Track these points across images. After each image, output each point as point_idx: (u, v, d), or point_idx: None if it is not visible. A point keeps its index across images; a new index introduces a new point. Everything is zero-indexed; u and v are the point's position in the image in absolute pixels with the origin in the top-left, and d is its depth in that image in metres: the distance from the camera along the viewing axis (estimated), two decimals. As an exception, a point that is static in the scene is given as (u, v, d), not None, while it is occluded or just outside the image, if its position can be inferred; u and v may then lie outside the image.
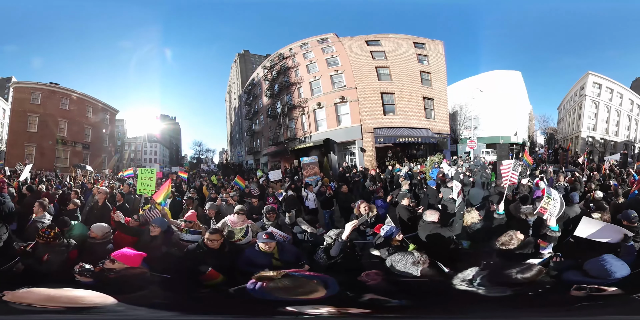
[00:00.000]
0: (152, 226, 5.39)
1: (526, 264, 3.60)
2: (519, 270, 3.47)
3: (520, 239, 4.56)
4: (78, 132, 23.74)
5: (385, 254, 4.49)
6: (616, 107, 23.99)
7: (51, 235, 4.65)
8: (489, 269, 3.66)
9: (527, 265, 3.56)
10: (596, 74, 23.37)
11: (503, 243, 4.52)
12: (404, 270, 3.49)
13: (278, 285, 3.07)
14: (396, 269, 3.54)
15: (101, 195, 7.86)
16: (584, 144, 23.63)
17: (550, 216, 4.97)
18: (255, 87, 26.82)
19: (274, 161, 25.07)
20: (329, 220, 9.89)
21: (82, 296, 3.06)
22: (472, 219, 5.92)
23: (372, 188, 10.90)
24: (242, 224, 5.88)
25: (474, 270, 3.66)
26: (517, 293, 3.41)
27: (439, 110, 20.99)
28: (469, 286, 3.43)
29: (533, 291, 3.46)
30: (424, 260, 3.53)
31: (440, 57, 21.31)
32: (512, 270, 3.49)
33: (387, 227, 4.68)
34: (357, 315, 3.08)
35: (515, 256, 4.35)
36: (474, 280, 3.54)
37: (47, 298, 2.98)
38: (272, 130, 24.16)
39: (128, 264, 3.78)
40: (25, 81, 22.38)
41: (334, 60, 20.99)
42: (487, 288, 3.38)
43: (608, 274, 3.46)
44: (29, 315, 2.91)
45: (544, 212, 5.03)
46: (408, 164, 16.37)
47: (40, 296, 2.99)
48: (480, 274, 3.57)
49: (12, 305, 2.89)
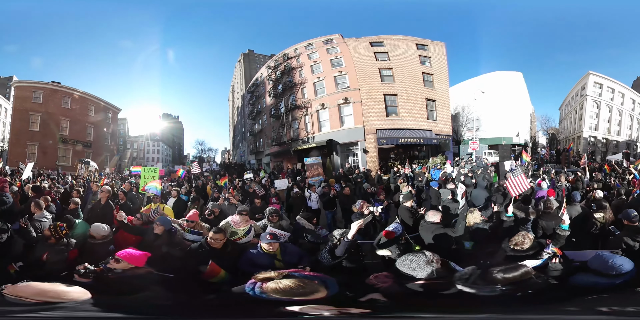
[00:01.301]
0: (155, 224, 5.39)
1: (513, 264, 3.60)
2: (502, 270, 3.46)
3: (532, 238, 4.57)
4: (80, 131, 23.84)
5: (397, 252, 4.47)
6: (618, 106, 23.92)
7: (62, 233, 4.70)
8: (484, 268, 3.66)
9: (513, 265, 3.56)
10: (597, 73, 23.34)
11: (517, 243, 4.52)
12: (417, 271, 3.47)
13: (278, 285, 3.05)
14: (409, 269, 3.52)
15: (104, 193, 7.89)
16: (585, 144, 23.56)
17: (566, 215, 5.03)
18: (259, 87, 26.86)
19: (277, 161, 25.10)
20: (331, 221, 9.93)
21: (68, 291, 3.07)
22: (474, 219, 5.93)
23: (370, 190, 10.88)
24: (245, 225, 5.93)
25: (471, 270, 3.66)
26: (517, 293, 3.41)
27: (441, 112, 20.98)
28: (466, 285, 3.43)
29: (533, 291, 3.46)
30: (436, 259, 3.52)
31: (442, 59, 21.32)
32: (494, 270, 3.48)
33: (394, 224, 4.67)
34: (357, 315, 3.08)
35: (517, 257, 4.37)
36: (470, 279, 3.54)
37: (39, 292, 2.98)
38: (275, 131, 24.20)
39: (133, 264, 3.79)
40: (27, 80, 22.48)
41: (338, 61, 21.06)
42: (483, 288, 3.39)
43: (616, 269, 3.44)
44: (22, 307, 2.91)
45: (564, 211, 5.11)
46: (409, 166, 16.36)
47: (34, 290, 2.99)
48: (476, 274, 3.57)
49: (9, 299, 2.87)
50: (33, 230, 5.13)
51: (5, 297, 2.86)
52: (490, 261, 4.44)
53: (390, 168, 17.66)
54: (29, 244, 4.93)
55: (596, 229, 6.39)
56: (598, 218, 6.44)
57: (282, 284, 3.05)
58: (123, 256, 3.81)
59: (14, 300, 2.84)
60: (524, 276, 3.46)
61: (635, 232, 5.19)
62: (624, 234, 5.29)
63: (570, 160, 19.27)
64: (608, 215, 6.50)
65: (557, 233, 5.03)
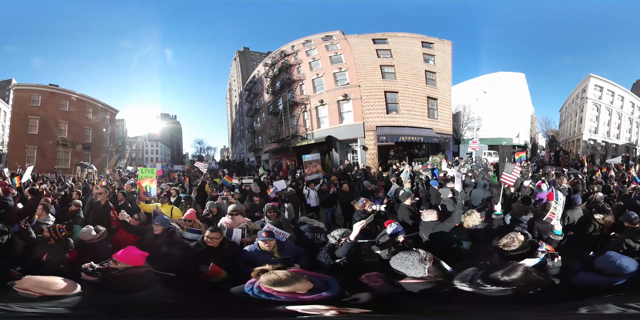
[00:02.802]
0: (155, 224, 5.39)
1: (511, 265, 3.57)
2: (504, 272, 3.44)
3: (522, 240, 4.56)
4: (78, 133, 23.94)
5: (386, 253, 4.47)
6: (617, 109, 23.97)
7: (62, 235, 4.68)
8: (485, 269, 3.64)
9: (511, 266, 3.53)
10: (598, 76, 23.35)
11: (505, 244, 4.52)
12: (410, 269, 3.45)
13: (269, 276, 3.07)
14: (402, 268, 3.50)
15: (103, 195, 7.85)
16: (585, 147, 23.60)
17: (557, 221, 4.97)
18: (256, 85, 26.78)
19: (276, 158, 25.06)
20: (331, 219, 9.88)
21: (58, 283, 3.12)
22: (473, 221, 5.84)
23: (370, 187, 10.84)
24: (238, 225, 5.88)
25: (472, 271, 3.64)
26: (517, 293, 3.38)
27: (443, 111, 20.96)
28: (468, 286, 3.41)
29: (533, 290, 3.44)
30: (429, 258, 3.50)
31: (447, 57, 21.24)
32: (498, 272, 3.46)
33: (395, 225, 4.65)
34: (357, 315, 3.06)
35: (512, 256, 4.36)
36: (473, 280, 3.52)
37: (36, 283, 3.09)
38: (273, 128, 24.14)
39: (131, 264, 3.78)
40: (25, 83, 22.55)
41: (337, 58, 20.95)
42: (485, 288, 3.36)
43: (622, 269, 3.47)
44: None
45: (552, 217, 5.02)
46: (408, 164, 16.33)
47: (33, 282, 3.10)
48: (477, 274, 3.55)
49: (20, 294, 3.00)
50: (33, 232, 5.12)
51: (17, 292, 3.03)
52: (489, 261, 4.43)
53: (390, 165, 17.65)
54: (28, 245, 4.92)
55: (595, 230, 6.37)
56: (597, 219, 6.40)
57: (273, 275, 3.09)
58: (120, 257, 3.80)
59: (23, 294, 3.01)
60: (526, 275, 3.44)
61: (636, 234, 5.16)
62: (625, 236, 5.26)
63: (569, 163, 19.31)
64: (609, 217, 6.47)
65: (550, 237, 5.00)
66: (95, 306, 3.26)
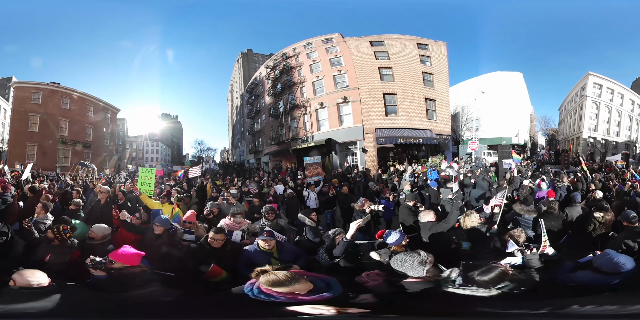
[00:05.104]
0: (155, 225, 5.39)
1: (488, 265, 3.58)
2: (480, 272, 3.46)
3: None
4: (79, 132, 23.84)
5: (386, 259, 4.42)
6: (617, 107, 23.95)
7: (66, 236, 4.67)
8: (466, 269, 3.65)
9: (488, 266, 3.54)
10: (597, 74, 23.36)
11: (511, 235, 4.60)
12: (410, 270, 3.48)
13: (269, 277, 3.09)
14: (402, 269, 3.52)
15: (103, 194, 7.89)
16: (585, 145, 23.58)
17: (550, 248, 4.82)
18: (258, 86, 26.84)
19: (276, 160, 25.08)
20: (330, 221, 9.90)
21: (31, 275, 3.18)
22: (472, 222, 5.79)
23: (375, 188, 10.86)
24: (239, 227, 5.90)
25: (455, 271, 3.66)
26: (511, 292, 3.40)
27: (441, 111, 21.00)
28: (452, 287, 3.44)
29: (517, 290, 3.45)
30: (430, 260, 3.52)
31: (443, 58, 21.32)
32: (474, 273, 3.48)
33: (397, 235, 4.38)
34: (357, 315, 3.08)
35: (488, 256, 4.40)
36: (455, 280, 3.54)
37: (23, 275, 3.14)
38: (274, 130, 24.18)
39: (126, 263, 3.77)
40: (26, 81, 22.46)
41: (337, 60, 21.03)
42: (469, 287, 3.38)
43: (619, 267, 3.49)
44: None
45: (545, 249, 4.86)
46: (409, 166, 16.35)
47: (22, 275, 3.14)
48: (459, 274, 3.57)
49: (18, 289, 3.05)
50: (35, 232, 5.09)
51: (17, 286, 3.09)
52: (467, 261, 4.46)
53: (388, 167, 17.67)
54: (30, 245, 4.91)
55: (595, 229, 6.36)
56: (597, 217, 6.38)
57: (273, 275, 3.11)
58: (115, 257, 3.79)
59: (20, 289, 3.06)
60: (503, 275, 3.45)
61: (635, 233, 5.16)
62: (624, 235, 5.26)
63: (569, 161, 19.30)
64: (610, 216, 6.45)
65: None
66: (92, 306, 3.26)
